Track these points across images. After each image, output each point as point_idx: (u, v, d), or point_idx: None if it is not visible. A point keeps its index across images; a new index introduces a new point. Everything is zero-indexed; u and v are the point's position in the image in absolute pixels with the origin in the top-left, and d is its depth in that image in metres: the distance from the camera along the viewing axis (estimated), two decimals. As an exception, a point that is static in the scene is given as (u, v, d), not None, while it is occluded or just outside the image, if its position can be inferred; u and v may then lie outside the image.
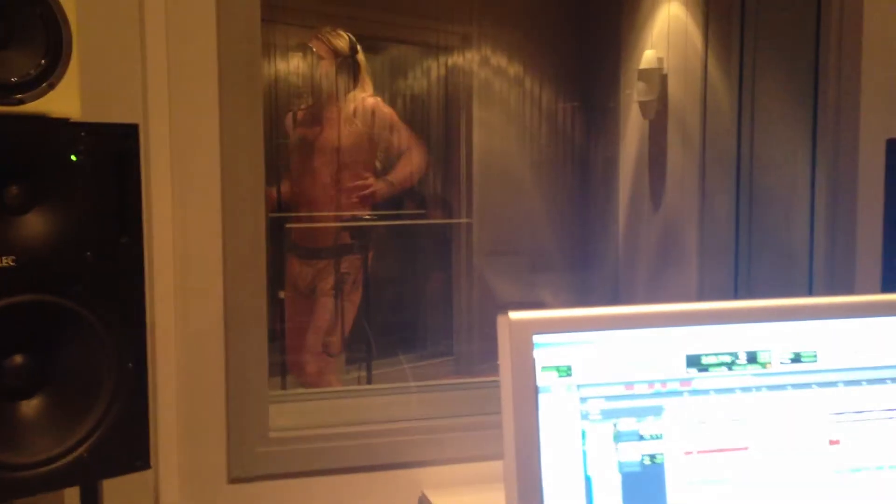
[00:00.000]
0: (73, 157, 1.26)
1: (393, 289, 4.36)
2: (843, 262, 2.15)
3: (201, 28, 1.72)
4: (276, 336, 3.34)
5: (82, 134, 1.27)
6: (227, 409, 1.78)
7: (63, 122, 1.28)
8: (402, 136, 3.41)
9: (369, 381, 3.60)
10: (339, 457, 1.86)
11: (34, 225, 1.24)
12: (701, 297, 3.23)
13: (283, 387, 3.41)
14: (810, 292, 2.24)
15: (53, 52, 1.25)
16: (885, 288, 1.93)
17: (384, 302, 4.15)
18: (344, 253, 3.29)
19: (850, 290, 2.10)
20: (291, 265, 3.34)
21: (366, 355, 3.65)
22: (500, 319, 1.10)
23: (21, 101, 1.23)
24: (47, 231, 1.25)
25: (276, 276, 3.35)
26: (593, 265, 4.56)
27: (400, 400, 2.17)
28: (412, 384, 2.61)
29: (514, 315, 1.08)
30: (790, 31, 2.42)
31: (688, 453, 1.12)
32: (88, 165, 1.28)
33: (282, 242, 3.34)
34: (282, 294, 3.31)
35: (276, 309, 3.33)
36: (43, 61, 1.24)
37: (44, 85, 1.24)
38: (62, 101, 1.26)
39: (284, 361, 3.43)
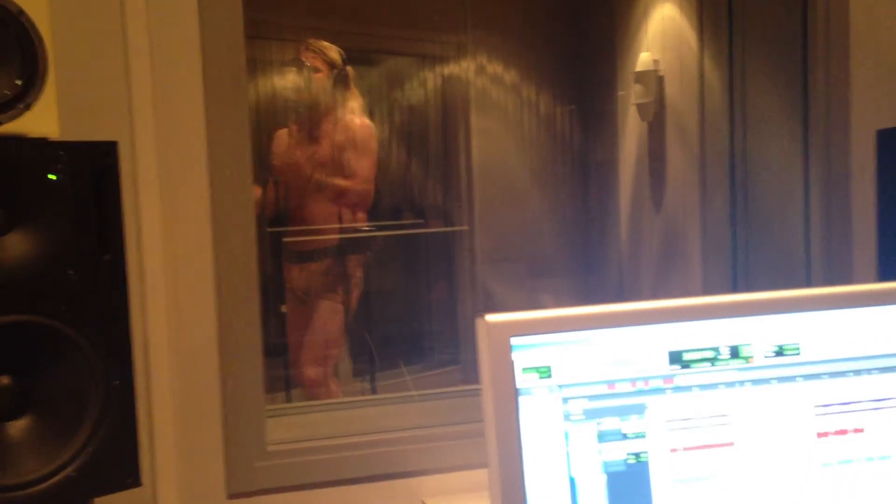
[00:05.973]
0: (52, 177, 1.27)
1: (395, 300, 4.35)
2: (839, 254, 2.13)
3: (185, 41, 1.72)
4: (280, 351, 3.34)
5: (60, 153, 1.27)
6: (223, 423, 1.78)
7: (41, 142, 1.28)
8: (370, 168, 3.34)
9: (374, 393, 3.59)
10: (338, 468, 1.85)
11: (14, 246, 1.24)
12: (705, 295, 3.21)
13: (289, 401, 3.40)
14: (808, 286, 2.22)
15: (29, 72, 1.25)
16: (882, 277, 1.91)
17: (387, 313, 4.14)
18: (340, 253, 3.28)
19: (848, 282, 2.09)
20: (288, 271, 3.33)
21: (369, 367, 3.65)
22: (478, 322, 1.10)
23: (-2, 123, 1.23)
24: (28, 251, 1.25)
25: (278, 291, 3.34)
26: (597, 268, 4.54)
27: (401, 409, 2.16)
28: (413, 393, 2.61)
29: (491, 318, 1.08)
30: (779, 28, 2.41)
31: (673, 451, 1.11)
32: (68, 184, 1.28)
33: (280, 257, 3.33)
34: (283, 308, 3.31)
35: (279, 323, 3.32)
36: (19, 82, 1.24)
37: (20, 106, 1.24)
38: (39, 121, 1.27)
39: (288, 376, 3.43)
